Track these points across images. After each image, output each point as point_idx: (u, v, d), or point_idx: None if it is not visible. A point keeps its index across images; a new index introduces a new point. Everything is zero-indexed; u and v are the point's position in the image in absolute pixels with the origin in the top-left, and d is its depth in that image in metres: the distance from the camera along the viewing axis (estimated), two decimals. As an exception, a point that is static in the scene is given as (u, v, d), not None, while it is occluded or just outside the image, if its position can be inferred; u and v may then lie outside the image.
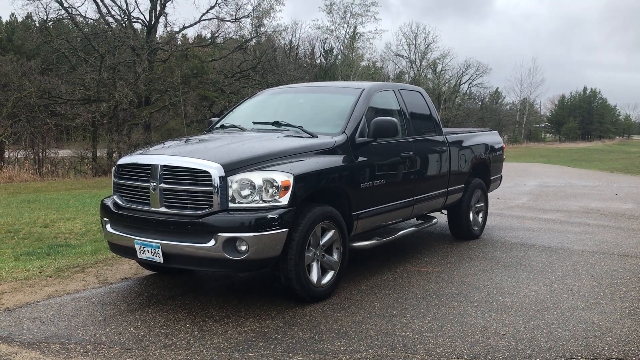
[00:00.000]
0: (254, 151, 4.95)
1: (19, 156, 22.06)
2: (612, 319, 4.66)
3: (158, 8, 28.40)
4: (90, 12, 46.70)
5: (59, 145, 24.79)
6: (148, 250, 4.78)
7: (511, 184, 15.46)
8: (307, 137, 5.52)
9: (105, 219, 5.30)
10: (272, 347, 4.04)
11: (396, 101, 6.62)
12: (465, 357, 3.90)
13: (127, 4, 27.75)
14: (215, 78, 29.86)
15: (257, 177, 4.61)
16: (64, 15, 27.27)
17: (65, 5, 26.36)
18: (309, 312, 4.74)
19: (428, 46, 58.50)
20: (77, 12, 27.35)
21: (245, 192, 4.59)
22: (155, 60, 27.55)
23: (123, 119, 25.44)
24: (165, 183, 4.75)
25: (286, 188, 4.64)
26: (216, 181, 4.54)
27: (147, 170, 4.89)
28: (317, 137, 5.51)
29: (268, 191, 4.61)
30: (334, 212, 5.14)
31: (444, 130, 7.47)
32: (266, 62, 31.76)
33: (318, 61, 45.23)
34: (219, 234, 4.48)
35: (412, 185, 6.49)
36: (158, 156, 4.99)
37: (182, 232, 4.63)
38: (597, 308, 4.92)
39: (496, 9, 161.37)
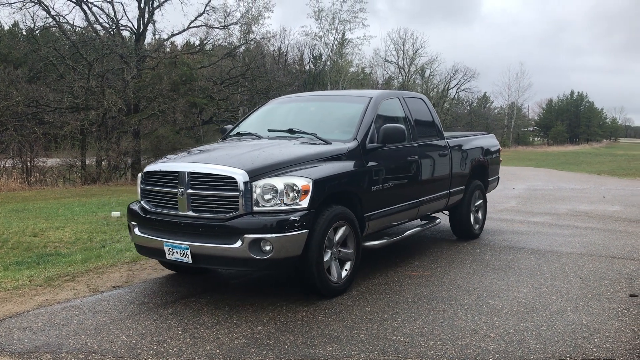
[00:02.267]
0: (275, 158, 5.29)
1: (6, 165, 21.87)
2: (600, 320, 4.71)
3: (146, 16, 28.33)
4: (78, 20, 46.74)
5: (47, 153, 24.62)
6: (177, 252, 5.08)
7: (500, 187, 15.53)
8: (321, 143, 5.84)
9: (133, 222, 5.58)
10: (264, 353, 4.06)
11: (401, 108, 6.96)
12: (456, 360, 3.93)
13: (115, 12, 27.66)
14: (204, 85, 29.80)
15: (279, 182, 4.93)
16: (52, 24, 27.12)
17: (53, 13, 26.19)
18: (300, 318, 4.76)
19: (416, 52, 58.85)
20: (65, 20, 27.20)
21: (268, 196, 4.91)
22: (144, 68, 27.48)
23: (112, 127, 25.33)
24: (193, 189, 5.07)
25: (306, 192, 4.97)
26: (241, 186, 4.87)
27: (174, 177, 5.21)
28: (330, 143, 5.83)
29: (289, 195, 4.92)
30: (348, 213, 5.46)
31: (445, 134, 7.82)
32: (255, 69, 31.76)
33: (307, 67, 45.35)
34: (245, 236, 4.79)
35: (418, 188, 6.84)
36: (184, 164, 5.30)
37: (210, 234, 4.95)
38: (586, 309, 4.98)
39: (483, 13, 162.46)
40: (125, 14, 33.56)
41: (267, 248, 4.81)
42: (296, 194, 4.93)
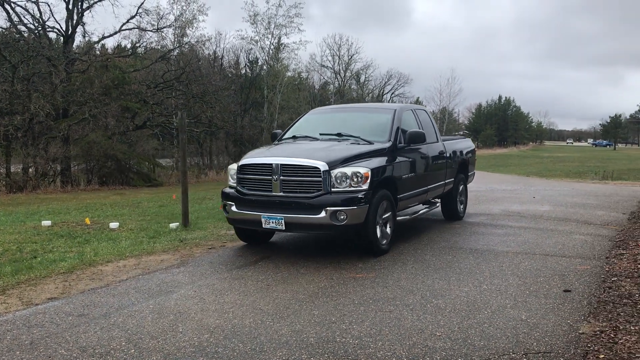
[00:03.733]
0: (342, 153, 7.13)
1: None
2: (539, 315, 4.90)
3: (75, 17, 27.36)
4: (0, 20, 44.41)
5: (-32, 161, 23.32)
6: (272, 222, 6.87)
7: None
8: (365, 144, 7.71)
9: (229, 202, 7.36)
10: (213, 361, 3.97)
11: (414, 118, 9.08)
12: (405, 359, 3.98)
13: (41, 13, 26.58)
14: (137, 89, 29.07)
15: (348, 171, 6.80)
16: (-29, 24, 25.75)
17: (-28, 13, 24.90)
18: (248, 324, 4.70)
19: (351, 57, 59.57)
20: (-15, 20, 25.90)
21: (341, 181, 6.77)
22: (74, 71, 26.50)
23: (39, 132, 24.27)
24: (284, 176, 6.89)
25: (366, 178, 6.84)
26: (323, 174, 6.72)
27: (268, 168, 7.00)
28: (373, 143, 7.72)
29: (354, 180, 6.79)
30: (389, 194, 7.37)
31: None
32: (190, 73, 31.23)
33: (243, 71, 44.94)
34: (327, 208, 6.65)
35: (428, 178, 8.90)
36: (274, 158, 7.08)
37: (300, 208, 6.78)
38: (524, 306, 5.16)
39: (414, 20, 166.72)
40: (52, 15, 32.61)
41: (342, 217, 6.66)
42: (360, 179, 6.80)
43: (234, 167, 7.58)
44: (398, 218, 7.86)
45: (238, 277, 6.26)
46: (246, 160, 7.37)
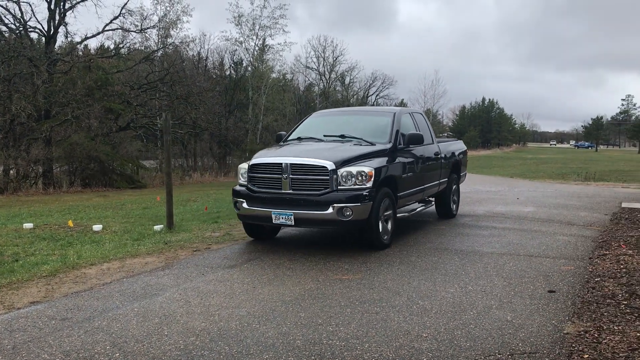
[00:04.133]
0: (347, 154, 7.60)
1: None
2: (524, 316, 4.93)
3: (57, 17, 27.06)
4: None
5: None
6: (282, 217, 7.33)
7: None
8: (368, 145, 8.14)
9: (241, 199, 7.77)
10: (199, 364, 3.94)
11: (412, 121, 9.58)
12: (392, 361, 3.98)
13: (22, 13, 26.25)
14: (120, 90, 28.82)
15: (354, 170, 7.24)
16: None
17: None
18: (234, 327, 4.67)
19: (336, 59, 59.64)
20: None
21: (347, 179, 7.20)
22: (56, 72, 26.21)
23: (21, 134, 23.98)
24: (293, 175, 7.32)
25: (370, 177, 7.29)
26: (331, 173, 7.15)
27: (278, 167, 7.43)
28: (375, 145, 8.16)
29: (359, 178, 7.22)
30: (390, 192, 7.84)
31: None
32: (174, 74, 31.05)
33: (228, 73, 44.80)
34: (334, 205, 7.10)
35: (425, 177, 9.34)
36: (284, 157, 7.50)
37: (308, 204, 7.22)
38: (509, 306, 5.19)
39: (399, 22, 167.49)
40: (34, 15, 32.16)
41: (348, 213, 7.10)
42: (364, 178, 7.24)
43: (244, 166, 7.99)
44: (397, 215, 8.29)
45: (224, 279, 6.22)
46: (257, 160, 7.78)
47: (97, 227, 9.71)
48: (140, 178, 28.44)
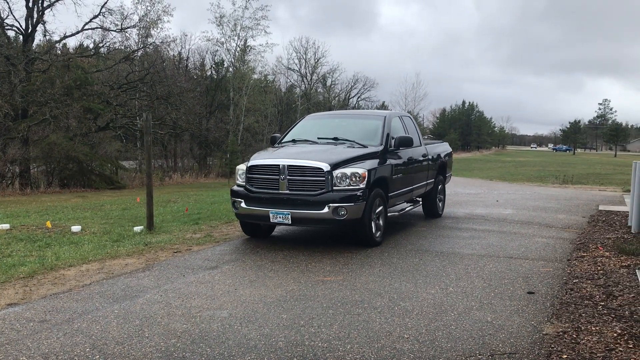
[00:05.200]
0: (341, 156, 7.89)
1: None
2: (504, 317, 4.98)
3: (35, 16, 26.63)
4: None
5: None
6: (280, 217, 7.62)
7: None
8: (360, 147, 8.43)
9: (239, 199, 8.04)
10: (180, 366, 3.91)
11: (401, 124, 9.94)
12: (374, 362, 3.99)
13: (-1, 10, 25.82)
14: (100, 89, 28.47)
15: (348, 171, 7.56)
16: None
17: None
18: (215, 329, 4.65)
19: (318, 60, 59.62)
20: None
21: (341, 180, 7.51)
22: (34, 71, 25.82)
23: (-3, 133, 23.57)
24: (291, 176, 7.61)
25: (364, 178, 7.62)
26: (326, 174, 7.47)
27: (275, 169, 7.70)
28: (367, 147, 8.44)
29: (353, 179, 7.54)
30: (382, 193, 8.18)
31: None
32: (155, 74, 30.78)
33: (209, 73, 44.55)
34: (330, 204, 7.41)
35: (413, 178, 9.69)
36: (281, 159, 7.77)
37: (305, 204, 7.51)
38: (490, 307, 5.24)
39: (381, 24, 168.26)
40: (11, 13, 31.55)
41: (343, 212, 7.41)
42: (358, 179, 7.56)
43: (242, 167, 8.25)
44: (388, 214, 8.62)
45: (205, 281, 6.19)
46: (255, 161, 8.05)
47: (75, 228, 9.59)
48: (120, 179, 28.12)
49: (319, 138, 8.96)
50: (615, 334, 4.50)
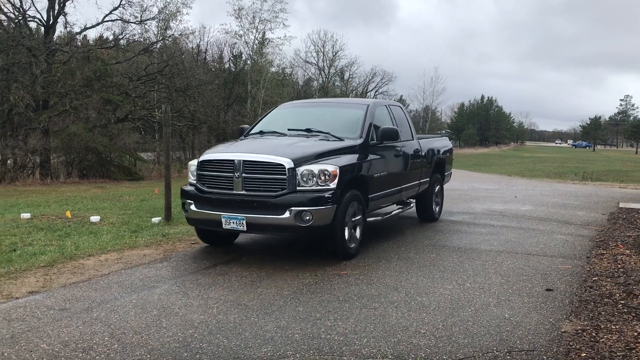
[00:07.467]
0: (309, 150, 6.69)
1: None
2: (522, 313, 4.95)
3: (57, 7, 26.88)
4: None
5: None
6: (233, 222, 6.39)
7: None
8: (336, 140, 7.26)
9: (189, 201, 6.87)
10: (198, 357, 3.94)
11: (388, 114, 8.64)
12: (390, 357, 3.99)
13: (21, 2, 26.07)
14: (119, 81, 28.69)
15: (315, 168, 6.36)
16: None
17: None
18: (232, 320, 4.67)
19: (336, 54, 59.57)
20: (-36, 9, 25.35)
21: (307, 179, 6.32)
22: (55, 62, 26.09)
23: (19, 124, 23.89)
24: (247, 173, 6.41)
25: (334, 176, 6.40)
26: (288, 171, 6.25)
27: (230, 164, 6.51)
28: (343, 140, 7.25)
29: (322, 178, 6.34)
30: (359, 194, 6.94)
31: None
32: (173, 66, 30.94)
33: (227, 66, 44.70)
34: (292, 208, 6.19)
35: (401, 177, 8.49)
36: (237, 154, 6.60)
37: (262, 207, 6.29)
38: (507, 304, 5.21)
39: (399, 17, 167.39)
40: (34, 4, 31.71)
41: (308, 218, 6.20)
42: (328, 177, 6.35)
43: (194, 162, 7.07)
44: (369, 219, 7.52)
45: (222, 272, 6.22)
46: (207, 155, 6.91)
47: (94, 219, 9.69)
48: (138, 170, 28.35)
49: (289, 130, 7.75)
50: (635, 333, 4.44)
